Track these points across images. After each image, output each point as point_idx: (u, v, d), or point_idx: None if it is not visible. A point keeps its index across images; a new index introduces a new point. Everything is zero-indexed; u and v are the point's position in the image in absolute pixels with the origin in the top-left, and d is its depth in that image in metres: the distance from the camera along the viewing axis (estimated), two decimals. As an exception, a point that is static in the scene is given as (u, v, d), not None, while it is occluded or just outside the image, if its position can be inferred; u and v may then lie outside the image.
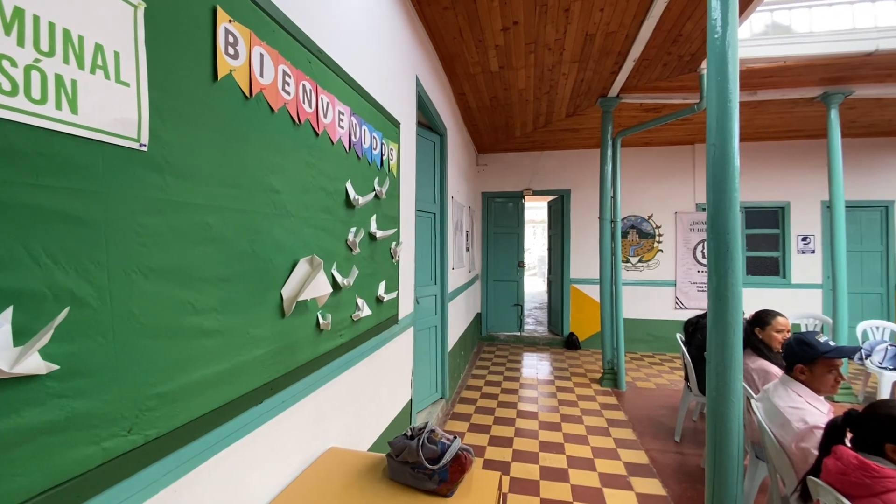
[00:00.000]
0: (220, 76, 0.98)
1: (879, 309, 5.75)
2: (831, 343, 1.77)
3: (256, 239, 1.13)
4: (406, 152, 2.62)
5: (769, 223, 6.09)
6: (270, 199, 1.18)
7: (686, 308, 6.13)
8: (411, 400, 2.82)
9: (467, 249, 5.43)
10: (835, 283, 4.10)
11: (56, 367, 0.65)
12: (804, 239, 5.92)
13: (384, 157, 2.08)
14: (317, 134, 1.43)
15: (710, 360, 1.81)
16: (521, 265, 6.90)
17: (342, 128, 1.62)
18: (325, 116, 1.48)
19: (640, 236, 6.37)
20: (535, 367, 5.34)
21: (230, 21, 1.01)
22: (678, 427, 3.28)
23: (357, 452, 1.56)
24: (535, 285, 14.63)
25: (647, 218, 6.36)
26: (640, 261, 6.36)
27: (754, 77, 3.98)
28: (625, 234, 6.36)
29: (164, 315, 0.84)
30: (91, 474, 0.70)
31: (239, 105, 1.05)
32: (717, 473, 1.79)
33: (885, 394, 3.76)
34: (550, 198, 7.15)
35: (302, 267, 1.33)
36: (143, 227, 0.79)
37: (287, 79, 1.24)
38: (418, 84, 2.94)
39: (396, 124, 2.36)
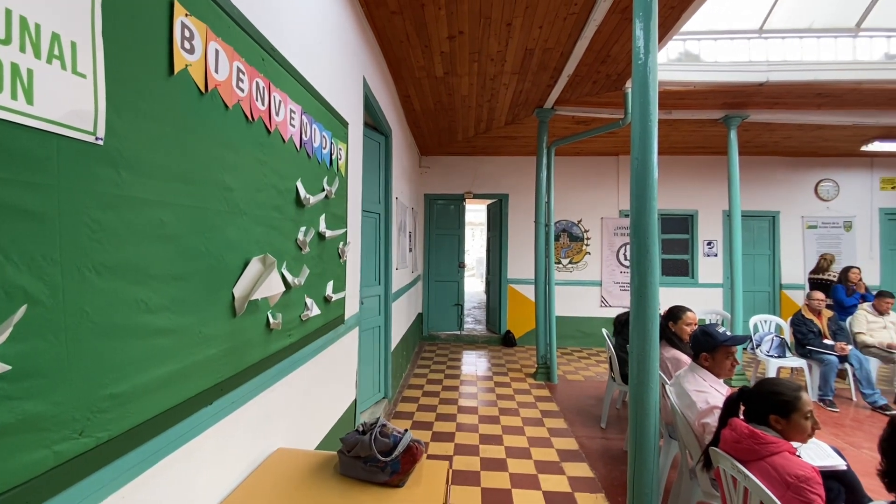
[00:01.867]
0: (176, 70, 0.96)
1: (767, 305, 6.64)
2: (728, 333, 2.07)
3: (209, 237, 1.11)
4: (354, 152, 2.63)
5: (681, 229, 6.79)
6: (224, 196, 1.17)
7: (610, 306, 6.65)
8: (356, 400, 2.82)
9: (410, 250, 5.48)
10: (732, 282, 4.69)
11: (8, 367, 0.62)
12: (709, 244, 6.68)
13: (333, 157, 2.09)
14: (269, 132, 1.42)
15: (633, 351, 2.02)
16: (461, 266, 7.08)
17: (293, 126, 1.62)
18: (276, 114, 1.47)
19: (571, 239, 6.81)
20: (475, 364, 5.51)
21: (187, 15, 1.00)
22: (604, 415, 3.58)
23: (306, 451, 1.57)
24: (473, 285, 15.00)
25: (577, 222, 6.81)
26: (570, 262, 6.79)
27: (670, 98, 4.44)
28: (557, 238, 6.76)
29: (116, 313, 0.82)
30: (41, 479, 0.68)
31: (194, 100, 1.04)
32: (637, 453, 2.01)
33: (770, 378, 4.36)
34: (490, 201, 7.41)
35: (254, 266, 1.32)
36: (97, 223, 0.77)
37: (241, 75, 1.23)
38: (365, 85, 2.96)
39: (345, 124, 2.37)
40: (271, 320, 1.46)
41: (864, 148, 5.90)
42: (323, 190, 1.91)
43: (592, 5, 2.83)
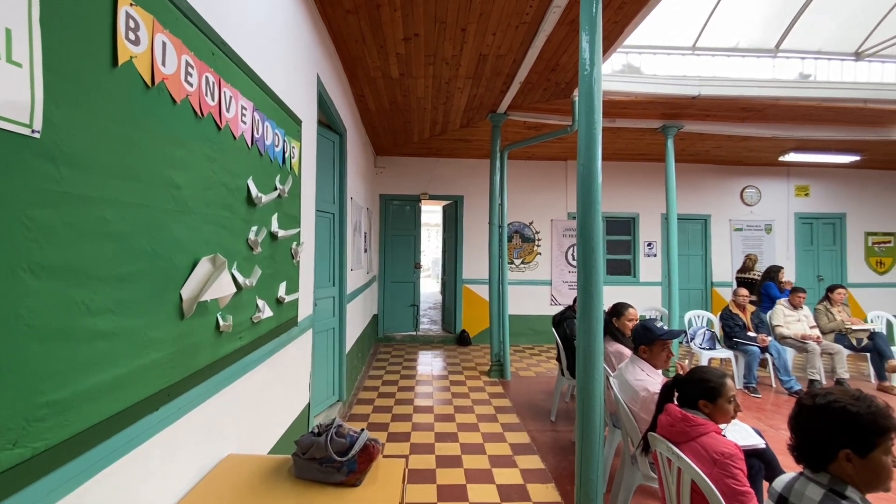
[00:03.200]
0: (120, 62, 0.92)
1: (700, 301, 7.18)
2: (665, 328, 2.24)
3: (156, 236, 1.07)
4: (307, 151, 2.59)
5: (624, 231, 7.20)
6: (171, 194, 1.13)
7: (560, 304, 6.92)
8: (309, 403, 2.77)
9: (365, 251, 5.43)
10: (669, 281, 5.04)
11: (-67, 374, 0.58)
12: (649, 245, 7.12)
13: (286, 155, 2.05)
14: (219, 128, 1.38)
15: (579, 346, 2.14)
16: (417, 266, 7.09)
17: (245, 123, 1.58)
18: (227, 111, 1.43)
19: (523, 240, 7.02)
20: (430, 363, 5.55)
21: (131, 5, 0.96)
22: (553, 408, 3.73)
23: (258, 456, 1.53)
24: (429, 286, 15.04)
25: (528, 224, 7.03)
26: (522, 262, 7.00)
27: (614, 107, 4.70)
28: (510, 239, 6.95)
29: (55, 316, 0.78)
30: (-31, 493, 0.64)
31: (140, 94, 1.00)
32: (584, 442, 2.13)
33: (702, 368, 4.73)
34: (445, 202, 7.48)
35: (203, 266, 1.28)
36: (33, 221, 0.73)
37: (190, 70, 1.19)
38: (319, 83, 2.91)
39: (298, 122, 2.33)
40: (221, 322, 1.41)
41: (781, 158, 6.53)
42: (275, 189, 1.88)
43: (542, 16, 2.96)
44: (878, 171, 7.41)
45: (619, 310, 2.98)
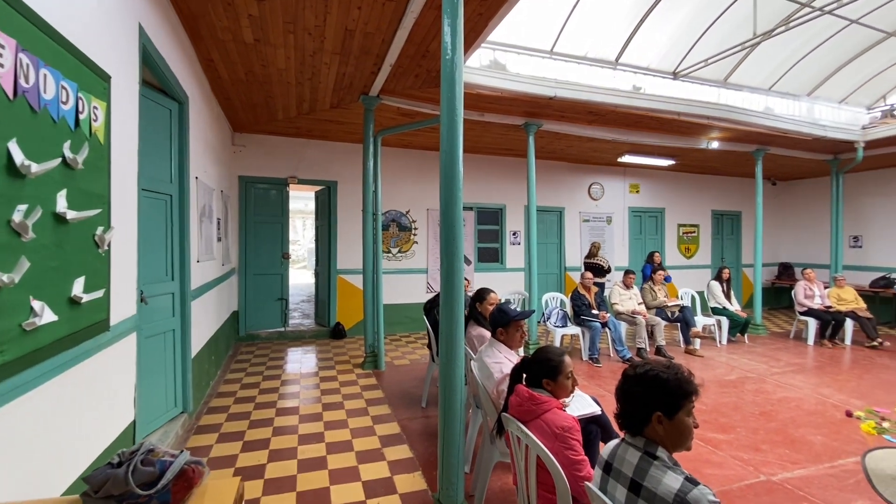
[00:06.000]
0: None
1: (556, 284, 8.01)
2: (518, 310, 2.37)
3: None
4: (123, 115, 2.11)
5: (493, 221, 7.64)
6: None
7: (435, 291, 7.07)
8: (135, 422, 2.32)
9: (219, 239, 4.79)
10: (530, 266, 5.47)
11: None
12: (514, 234, 7.69)
13: (82, 116, 1.62)
14: (-58, 65, 0.99)
15: (442, 331, 2.14)
16: (285, 257, 6.55)
17: (1, 66, 1.17)
18: (-40, 43, 1.03)
19: (400, 229, 6.98)
20: (300, 361, 5.19)
21: None
22: (424, 394, 3.77)
23: (41, 501, 1.18)
24: (304, 278, 14.19)
25: (405, 213, 7.01)
26: (399, 251, 6.96)
27: (483, 101, 4.88)
28: (387, 227, 6.85)
29: None
30: None
31: None
32: (446, 426, 2.15)
33: (557, 344, 5.26)
34: (318, 188, 7.03)
35: None
36: None
37: None
38: (143, 34, 2.40)
39: (105, 77, 1.87)
40: (-43, 334, 1.03)
41: (619, 159, 7.57)
42: (60, 157, 1.46)
43: (409, -4, 2.87)
44: (689, 173, 9.09)
45: (482, 295, 3.10)
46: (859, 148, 6.81)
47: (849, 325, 6.14)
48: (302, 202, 17.85)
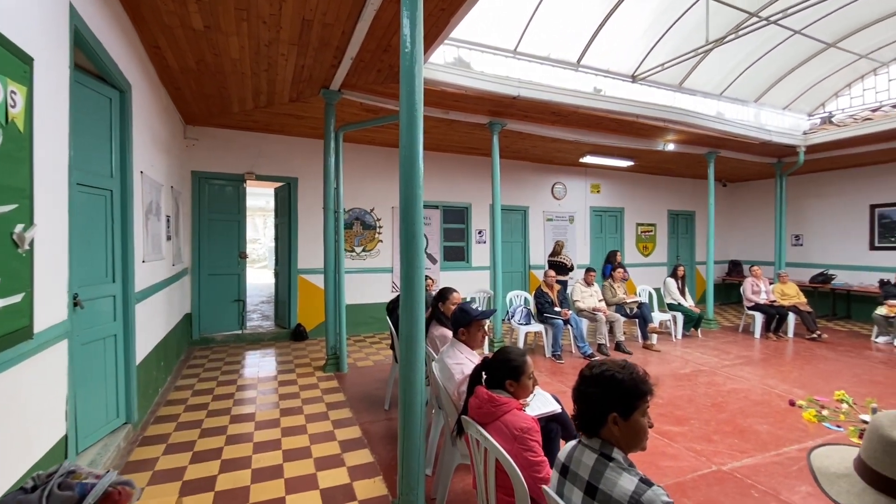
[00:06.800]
0: None
1: (521, 282, 8.10)
2: (480, 309, 2.35)
3: None
4: (49, 102, 1.93)
5: (459, 220, 7.63)
6: None
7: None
8: (67, 436, 2.13)
9: (169, 238, 4.53)
10: (494, 265, 5.49)
11: None
12: (480, 233, 7.70)
13: (-6, 102, 1.45)
14: None
15: (402, 332, 2.09)
16: (242, 256, 6.28)
17: None
18: None
19: (364, 228, 6.84)
20: (258, 364, 4.98)
21: None
22: (387, 397, 3.70)
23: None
24: (265, 278, 13.72)
25: (369, 211, 6.87)
26: (363, 250, 6.83)
27: (447, 99, 4.84)
28: (350, 226, 6.69)
29: None
30: None
31: None
32: (406, 430, 2.09)
33: (521, 342, 5.31)
34: (277, 184, 6.78)
35: None
36: None
37: None
38: (75, 15, 2.21)
39: (26, 59, 1.69)
40: None
41: (581, 160, 7.73)
42: (-35, 146, 1.30)
43: (369, -13, 2.78)
44: (646, 174, 9.40)
45: (444, 294, 3.06)
46: (801, 152, 7.25)
47: (791, 318, 6.54)
48: (263, 199, 17.23)
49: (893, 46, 6.73)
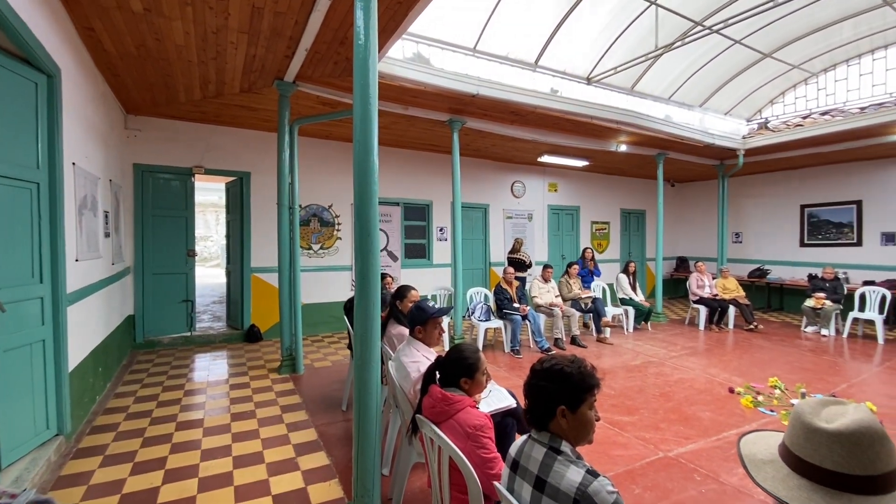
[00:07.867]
0: None
1: (481, 279, 8.18)
2: (436, 307, 2.34)
3: None
4: (-45, 85, 1.73)
5: (420, 217, 7.59)
6: None
7: (361, 289, 6.87)
8: (-17, 452, 1.94)
9: (107, 235, 4.22)
10: (455, 262, 5.51)
11: None
12: (441, 230, 7.71)
13: None
14: None
15: (357, 331, 2.04)
16: (191, 254, 5.96)
17: None
18: None
19: (322, 224, 6.67)
20: (208, 368, 4.75)
21: None
22: (345, 397, 3.63)
23: None
24: (217, 276, 13.12)
25: (327, 207, 6.71)
26: (321, 248, 6.66)
27: (407, 94, 4.79)
28: (307, 223, 6.51)
29: None
30: None
31: None
32: (361, 431, 2.06)
33: (481, 338, 5.36)
34: (229, 179, 6.48)
35: None
36: None
37: None
38: (-13, -11, 2.00)
39: (-74, 36, 1.51)
40: None
41: (539, 159, 7.90)
42: None
43: (323, -23, 2.70)
44: (600, 174, 9.74)
45: (402, 292, 3.03)
46: (740, 155, 7.75)
47: (731, 311, 6.98)
48: (215, 195, 16.46)
49: (822, 58, 7.32)
